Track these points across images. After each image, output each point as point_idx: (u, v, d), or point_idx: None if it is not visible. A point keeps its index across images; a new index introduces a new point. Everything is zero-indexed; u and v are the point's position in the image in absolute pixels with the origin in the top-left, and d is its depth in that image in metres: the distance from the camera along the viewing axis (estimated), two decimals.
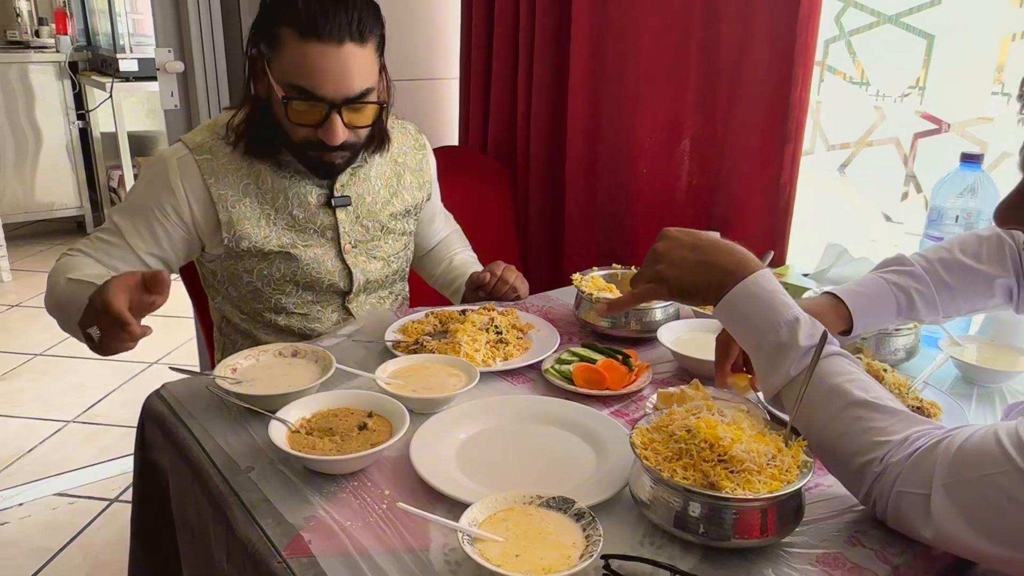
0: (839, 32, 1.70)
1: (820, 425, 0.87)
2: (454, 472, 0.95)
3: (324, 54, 1.20)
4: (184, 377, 1.16)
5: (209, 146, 1.35)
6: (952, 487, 0.77)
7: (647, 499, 0.85)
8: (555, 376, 1.19)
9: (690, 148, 1.91)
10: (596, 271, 1.48)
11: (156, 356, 3.31)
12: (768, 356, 0.92)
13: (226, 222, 1.34)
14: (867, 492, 0.85)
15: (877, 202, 1.72)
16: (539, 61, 2.10)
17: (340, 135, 1.27)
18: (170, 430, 1.07)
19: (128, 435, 2.68)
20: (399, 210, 1.52)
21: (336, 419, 1.02)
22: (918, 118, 1.61)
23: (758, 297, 0.93)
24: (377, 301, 1.55)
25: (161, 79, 2.27)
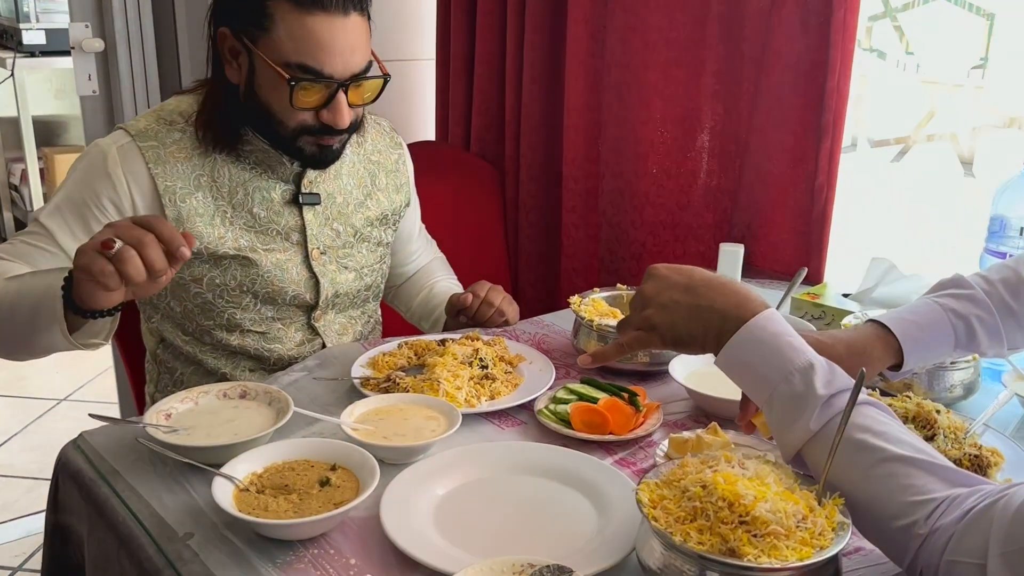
0: (884, 8, 1.75)
1: (850, 487, 0.91)
2: (432, 535, 0.98)
3: (331, 26, 1.27)
4: (104, 424, 1.19)
5: (155, 132, 1.40)
6: (1012, 555, 0.80)
7: (657, 567, 0.88)
8: (549, 418, 1.23)
9: (708, 144, 1.97)
10: (598, 292, 1.53)
11: (64, 392, 3.32)
12: (782, 410, 0.96)
13: (174, 218, 1.38)
14: (912, 560, 0.88)
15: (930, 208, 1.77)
16: (530, 40, 2.15)
17: (347, 116, 1.34)
18: (89, 489, 1.09)
19: (35, 488, 2.70)
20: (375, 215, 1.57)
21: (293, 474, 1.06)
22: (979, 110, 1.66)
23: (764, 342, 0.97)
24: (347, 321, 1.59)
25: (76, 59, 2.30)
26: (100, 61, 2.34)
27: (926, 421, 1.16)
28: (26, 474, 2.79)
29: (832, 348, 1.11)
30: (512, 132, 2.29)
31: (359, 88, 1.36)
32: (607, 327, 1.40)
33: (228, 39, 1.34)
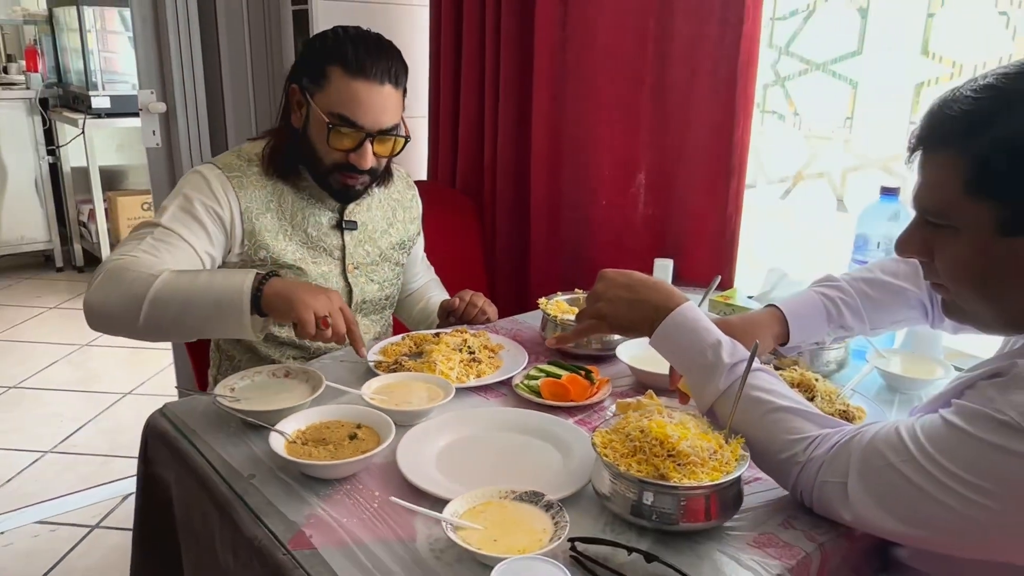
0: (775, 77, 1.87)
1: (748, 429, 1.00)
2: (435, 474, 1.06)
3: (369, 90, 1.39)
4: (184, 398, 1.26)
5: (238, 166, 1.50)
6: (864, 475, 0.90)
7: (607, 492, 0.97)
8: (524, 390, 1.31)
9: (644, 182, 2.06)
10: (560, 295, 1.61)
11: (128, 387, 3.35)
12: (698, 376, 1.05)
13: (249, 231, 1.48)
14: (793, 484, 0.98)
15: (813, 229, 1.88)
16: (504, 102, 2.24)
17: (370, 160, 1.44)
18: (174, 445, 1.16)
19: (107, 463, 2.73)
20: (396, 241, 1.68)
21: (328, 430, 1.13)
22: (847, 154, 1.78)
23: (684, 327, 1.07)
24: (370, 323, 1.67)
25: (144, 119, 2.36)
26: (162, 120, 2.40)
27: (808, 386, 1.25)
28: (99, 452, 2.82)
29: (734, 324, 1.23)
30: (489, 173, 2.37)
31: (384, 142, 1.46)
32: (568, 321, 1.48)
33: (296, 93, 1.46)
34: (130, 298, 1.26)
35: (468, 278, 2.28)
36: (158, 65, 2.34)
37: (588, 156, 2.13)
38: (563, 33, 2.10)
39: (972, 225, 0.85)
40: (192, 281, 1.28)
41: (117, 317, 1.28)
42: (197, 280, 1.28)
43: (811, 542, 0.95)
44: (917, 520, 0.86)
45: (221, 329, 1.31)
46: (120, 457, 2.77)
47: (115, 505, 2.49)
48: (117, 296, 1.27)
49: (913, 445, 0.86)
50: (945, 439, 0.84)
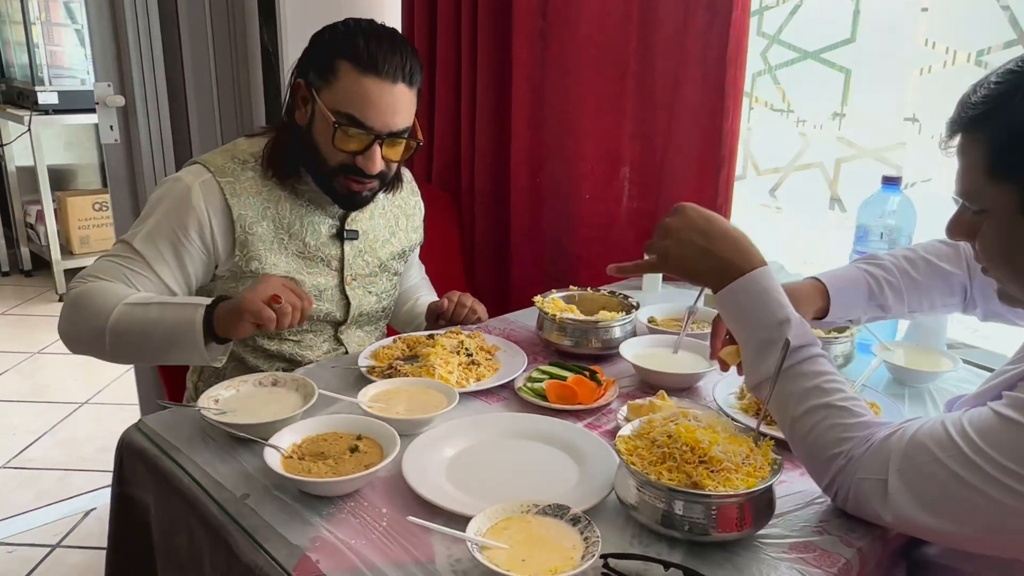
0: (765, 66, 1.83)
1: (796, 418, 0.95)
2: (446, 487, 0.99)
3: (380, 88, 1.29)
4: (160, 411, 1.16)
5: (231, 169, 1.38)
6: (905, 471, 0.86)
7: (634, 502, 0.91)
8: (528, 394, 1.24)
9: (629, 174, 2.01)
10: (555, 293, 1.55)
11: (84, 396, 3.20)
12: (756, 350, 0.99)
13: (241, 241, 1.37)
14: (830, 481, 0.93)
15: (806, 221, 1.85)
16: (481, 94, 2.17)
17: (378, 164, 1.34)
18: (154, 463, 1.07)
19: (65, 478, 2.58)
20: (397, 250, 1.58)
21: (326, 443, 1.05)
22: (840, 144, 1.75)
23: (756, 294, 1.00)
24: (365, 335, 1.59)
25: (100, 113, 2.23)
26: (120, 114, 2.27)
27: None
28: (56, 466, 2.67)
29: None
30: (467, 168, 2.30)
31: (394, 145, 1.36)
32: (567, 319, 1.42)
33: (302, 89, 1.35)
34: (92, 329, 1.25)
35: (446, 277, 2.20)
36: (115, 56, 2.21)
37: (571, 149, 2.07)
38: (543, 22, 2.03)
39: (997, 207, 0.85)
40: (144, 316, 1.23)
41: (86, 345, 1.29)
42: (148, 314, 1.23)
43: (849, 547, 0.91)
44: (962, 517, 0.82)
45: (181, 360, 1.27)
46: (80, 471, 2.63)
47: (77, 522, 2.36)
48: (81, 327, 1.27)
49: (961, 439, 0.82)
50: (997, 432, 0.81)
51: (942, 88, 1.60)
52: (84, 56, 4.43)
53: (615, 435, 1.12)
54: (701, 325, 1.53)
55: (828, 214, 1.80)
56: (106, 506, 2.40)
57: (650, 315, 1.58)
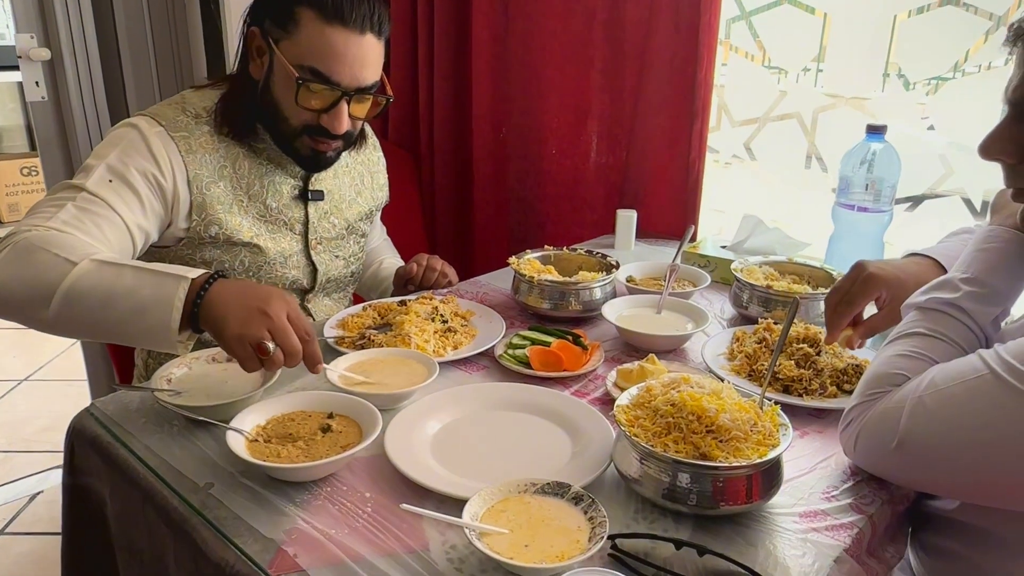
0: (740, 12, 1.76)
1: (886, 351, 0.93)
2: (434, 466, 0.92)
3: (347, 39, 1.17)
4: (113, 393, 1.06)
5: (184, 124, 1.24)
6: (928, 397, 0.82)
7: (636, 475, 0.85)
8: (511, 361, 1.17)
9: (597, 129, 1.93)
10: (530, 253, 1.48)
11: (23, 373, 3.02)
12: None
13: (198, 204, 1.24)
14: (857, 404, 0.90)
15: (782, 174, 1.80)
16: (440, 45, 2.06)
17: (345, 123, 1.22)
18: (107, 451, 0.97)
19: (5, 461, 2.44)
20: (364, 211, 1.48)
21: (294, 424, 0.97)
22: (818, 94, 1.69)
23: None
24: (332, 303, 1.49)
25: (24, 68, 2.04)
26: (47, 69, 2.09)
27: (814, 340, 1.17)
28: None
29: (907, 285, 1.07)
30: (426, 124, 2.19)
31: (362, 102, 1.25)
32: (545, 281, 1.35)
33: (256, 38, 1.22)
34: (39, 285, 0.99)
35: (407, 238, 2.10)
36: (37, 4, 2.02)
37: (536, 101, 1.98)
38: None
39: None
40: (116, 278, 0.98)
41: (20, 305, 1.01)
42: (122, 278, 0.98)
43: (859, 514, 0.87)
44: (981, 440, 0.76)
45: (139, 340, 1.01)
46: (21, 452, 2.48)
47: (21, 507, 2.22)
48: (22, 280, 0.99)
49: (995, 362, 0.78)
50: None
51: (922, 34, 1.55)
52: (2, 9, 4.13)
53: (605, 402, 1.08)
54: (682, 283, 1.47)
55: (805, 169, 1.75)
56: (54, 489, 2.28)
57: (628, 274, 1.51)
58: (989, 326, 0.91)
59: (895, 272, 1.09)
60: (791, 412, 1.03)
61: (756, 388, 1.06)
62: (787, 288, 1.34)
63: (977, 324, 0.90)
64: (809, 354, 1.14)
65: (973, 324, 0.90)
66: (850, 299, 1.09)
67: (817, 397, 1.08)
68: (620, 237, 1.78)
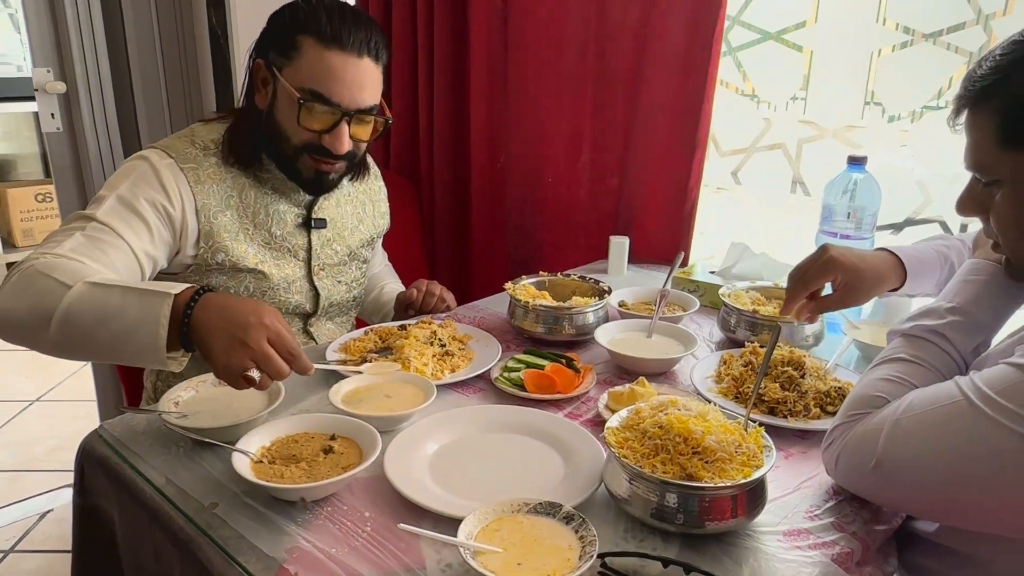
0: (727, 48, 1.79)
1: (870, 375, 0.95)
2: (432, 487, 0.93)
3: (345, 62, 1.20)
4: (121, 415, 1.07)
5: (193, 156, 1.27)
6: (905, 421, 0.83)
7: (625, 495, 0.86)
8: (506, 384, 1.18)
9: (592, 156, 1.95)
10: (525, 279, 1.49)
11: (35, 394, 3.02)
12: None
13: (206, 232, 1.26)
14: (839, 425, 0.91)
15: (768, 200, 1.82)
16: (439, 76, 2.08)
17: (346, 143, 1.25)
18: (116, 472, 0.98)
19: (16, 480, 2.44)
20: (365, 238, 1.50)
21: (297, 445, 0.98)
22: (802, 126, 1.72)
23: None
24: (335, 326, 1.50)
25: (40, 100, 2.07)
26: (62, 102, 2.11)
27: (798, 363, 1.18)
28: (6, 468, 2.52)
29: (864, 272, 1.13)
30: (426, 152, 2.21)
31: (362, 123, 1.27)
32: (540, 306, 1.36)
33: (261, 70, 1.26)
34: (40, 310, 1.00)
35: (407, 263, 2.12)
36: (54, 40, 2.05)
37: (533, 130, 2.00)
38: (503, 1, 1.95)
39: (1010, 177, 0.84)
40: (105, 299, 0.98)
41: (25, 329, 1.02)
42: (110, 299, 0.98)
43: (841, 532, 0.87)
44: (956, 464, 0.78)
45: (136, 360, 1.00)
46: (31, 472, 2.48)
47: (31, 525, 2.22)
48: (26, 305, 1.01)
49: (969, 389, 0.79)
50: (1009, 380, 0.77)
51: (900, 69, 1.58)
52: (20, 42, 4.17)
53: (596, 424, 1.09)
54: (673, 308, 1.49)
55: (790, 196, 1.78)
56: (63, 507, 2.28)
57: (620, 299, 1.53)
58: (969, 354, 0.93)
59: (854, 259, 1.14)
60: (776, 433, 1.05)
61: (742, 410, 1.07)
62: (773, 313, 1.35)
63: (958, 352, 0.92)
64: (793, 377, 1.15)
65: (954, 351, 0.92)
66: (807, 277, 1.14)
67: (801, 419, 1.09)
68: (613, 263, 1.80)
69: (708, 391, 1.17)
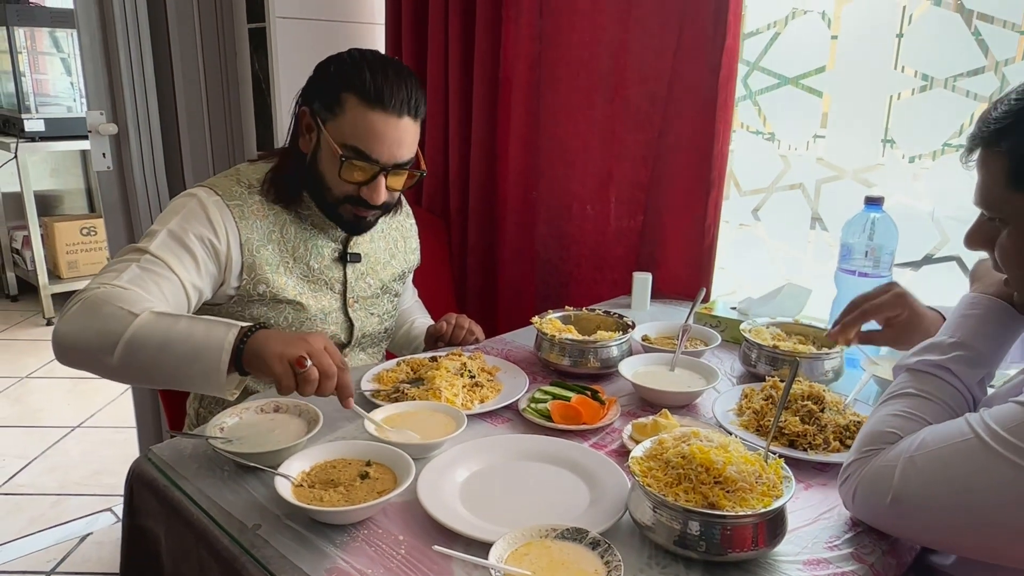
0: (747, 92, 1.83)
1: (880, 411, 0.96)
2: (463, 512, 0.96)
3: (386, 123, 1.26)
4: (169, 440, 1.12)
5: (239, 193, 1.34)
6: (919, 458, 0.85)
7: (649, 522, 0.88)
8: (533, 415, 1.22)
9: (617, 194, 2.00)
10: (552, 313, 1.53)
11: (75, 421, 3.10)
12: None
13: (249, 265, 1.33)
14: (854, 461, 0.93)
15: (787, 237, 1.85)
16: (477, 118, 2.14)
17: (383, 195, 1.31)
18: (164, 494, 1.02)
19: (58, 503, 2.49)
20: (397, 272, 1.56)
21: (336, 470, 1.01)
22: (820, 165, 1.75)
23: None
24: (367, 357, 1.55)
25: (93, 141, 2.17)
26: (113, 142, 2.21)
27: (818, 398, 1.20)
28: (48, 491, 2.58)
29: (922, 320, 1.17)
30: (457, 191, 2.27)
31: (398, 175, 1.34)
32: (566, 339, 1.40)
33: (306, 117, 1.32)
34: (106, 334, 1.08)
35: (438, 298, 2.17)
36: (107, 85, 2.16)
37: (564, 170, 2.06)
38: (538, 46, 2.02)
39: (1016, 216, 0.86)
40: (171, 326, 1.07)
41: (89, 353, 1.10)
42: (176, 326, 1.07)
43: (860, 563, 0.89)
44: (971, 503, 0.79)
45: (194, 384, 1.08)
46: (72, 495, 2.54)
47: (71, 548, 2.27)
48: (92, 330, 1.09)
49: (980, 427, 0.81)
50: (1018, 418, 0.79)
51: (917, 112, 1.61)
52: (70, 84, 4.35)
53: (621, 454, 1.11)
54: (695, 343, 1.52)
55: (810, 233, 1.80)
56: (103, 531, 2.33)
57: (644, 333, 1.56)
58: (976, 387, 0.95)
59: (918, 304, 1.18)
60: (796, 465, 1.06)
61: (763, 442, 1.09)
62: (792, 348, 1.37)
63: (964, 385, 0.94)
64: (813, 410, 1.17)
65: (960, 385, 0.94)
66: (877, 304, 1.18)
67: (821, 451, 1.11)
68: (636, 298, 1.83)
69: (730, 424, 1.19)
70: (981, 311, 0.99)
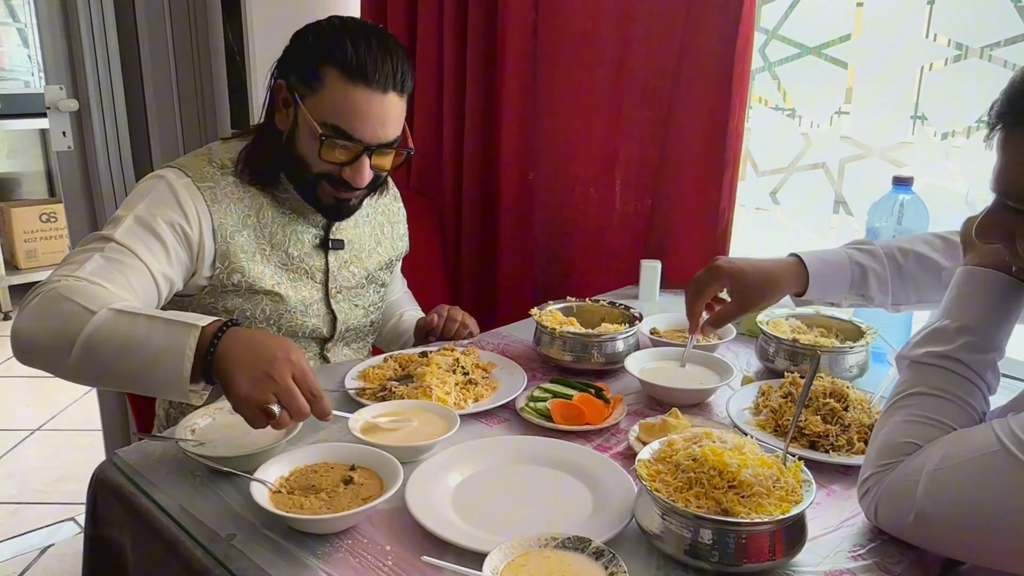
0: (764, 63, 1.83)
1: (893, 416, 0.95)
2: (455, 520, 0.96)
3: (369, 100, 1.24)
4: (136, 443, 1.12)
5: (211, 175, 1.33)
6: (944, 470, 0.85)
7: (658, 531, 0.88)
8: (532, 414, 1.21)
9: (623, 176, 1.99)
10: (552, 305, 1.53)
11: (35, 423, 3.10)
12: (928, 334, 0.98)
13: (222, 252, 1.32)
14: (872, 475, 0.92)
15: (809, 224, 1.84)
16: (470, 95, 2.14)
17: (366, 176, 1.30)
18: (130, 501, 1.02)
19: (17, 512, 2.50)
20: (384, 260, 1.55)
21: (316, 475, 1.01)
22: (844, 143, 1.75)
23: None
24: (352, 352, 1.55)
25: (52, 118, 2.16)
26: (74, 119, 2.20)
27: (841, 395, 1.20)
28: (7, 500, 2.58)
29: (748, 275, 1.24)
30: (449, 172, 2.27)
31: (383, 155, 1.32)
32: (567, 333, 1.40)
33: (283, 91, 1.30)
34: (62, 335, 1.05)
35: (427, 289, 2.16)
36: (67, 57, 2.15)
37: (564, 150, 2.05)
38: (535, 15, 2.01)
39: None
40: (131, 327, 1.03)
41: (47, 353, 1.08)
42: (136, 327, 1.03)
43: (886, 574, 0.89)
44: (996, 513, 0.79)
45: (157, 391, 1.07)
46: (32, 504, 2.54)
47: (31, 561, 2.28)
48: (49, 329, 1.06)
49: (1006, 436, 0.81)
50: None
51: (950, 84, 1.60)
52: (28, 57, 4.33)
53: (627, 457, 1.11)
54: (708, 336, 1.51)
55: (833, 217, 1.80)
56: (65, 542, 2.33)
57: (652, 326, 1.56)
58: (989, 373, 0.94)
59: (740, 264, 1.25)
60: (817, 468, 1.06)
61: (781, 444, 1.09)
62: (814, 341, 1.37)
63: (976, 374, 0.93)
64: (836, 409, 1.17)
65: (972, 375, 0.93)
66: (696, 290, 1.27)
67: (844, 453, 1.11)
68: (644, 288, 1.83)
69: (745, 423, 1.19)
70: (981, 287, 0.96)
